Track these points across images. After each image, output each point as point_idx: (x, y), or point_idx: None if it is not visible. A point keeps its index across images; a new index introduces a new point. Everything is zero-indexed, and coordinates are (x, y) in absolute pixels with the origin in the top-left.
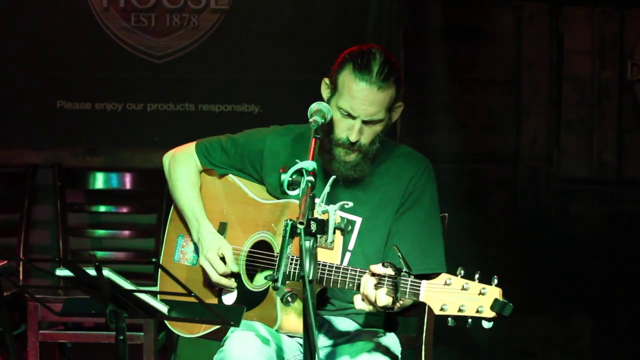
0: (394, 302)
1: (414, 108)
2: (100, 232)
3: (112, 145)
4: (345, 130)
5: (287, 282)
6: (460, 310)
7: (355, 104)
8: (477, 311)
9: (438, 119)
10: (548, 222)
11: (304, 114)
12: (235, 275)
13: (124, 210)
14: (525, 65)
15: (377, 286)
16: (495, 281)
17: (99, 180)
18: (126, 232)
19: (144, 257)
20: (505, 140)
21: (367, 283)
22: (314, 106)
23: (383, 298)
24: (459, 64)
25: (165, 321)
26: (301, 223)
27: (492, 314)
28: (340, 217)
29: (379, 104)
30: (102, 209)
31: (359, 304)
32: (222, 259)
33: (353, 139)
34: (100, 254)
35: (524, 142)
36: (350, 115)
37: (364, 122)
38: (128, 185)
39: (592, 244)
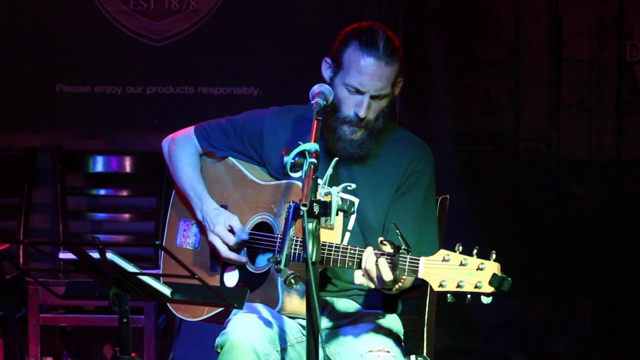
0: (394, 281)
1: (413, 90)
2: (100, 215)
3: (111, 129)
4: (353, 107)
5: (289, 263)
6: (459, 286)
7: (363, 80)
8: (476, 286)
9: (437, 101)
10: (547, 204)
11: (303, 96)
12: (245, 244)
13: (124, 193)
14: (524, 46)
15: (378, 261)
16: (494, 256)
17: (99, 164)
18: (126, 215)
19: (143, 240)
20: (505, 122)
21: (369, 257)
22: (316, 88)
23: (387, 272)
24: (457, 45)
25: (169, 306)
26: (304, 205)
27: (490, 289)
28: (342, 198)
29: (386, 79)
30: (102, 192)
31: (359, 279)
32: (231, 230)
33: (362, 114)
34: (100, 237)
35: (523, 123)
36: (358, 91)
37: (371, 97)
38: (128, 169)
39: (591, 226)
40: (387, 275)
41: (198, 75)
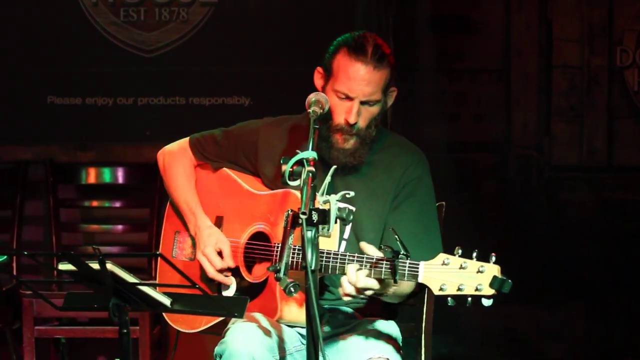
0: (383, 287)
1: (404, 97)
2: (93, 227)
3: (103, 140)
4: (343, 113)
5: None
6: (459, 289)
7: (352, 85)
8: (476, 289)
9: (428, 108)
10: (539, 210)
11: (294, 106)
12: (233, 269)
13: (116, 204)
14: (515, 53)
15: (358, 269)
16: (493, 259)
17: (91, 175)
18: (119, 227)
19: (137, 251)
20: (496, 128)
21: (349, 268)
22: (312, 96)
23: (362, 280)
24: (448, 52)
25: (166, 317)
26: (304, 213)
27: (491, 292)
28: (339, 207)
29: (375, 84)
30: (94, 203)
31: (346, 287)
32: (220, 253)
33: (352, 120)
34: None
35: (514, 130)
36: (347, 97)
37: (361, 103)
38: (120, 180)
39: (583, 231)
40: (364, 283)
41: (189, 86)
